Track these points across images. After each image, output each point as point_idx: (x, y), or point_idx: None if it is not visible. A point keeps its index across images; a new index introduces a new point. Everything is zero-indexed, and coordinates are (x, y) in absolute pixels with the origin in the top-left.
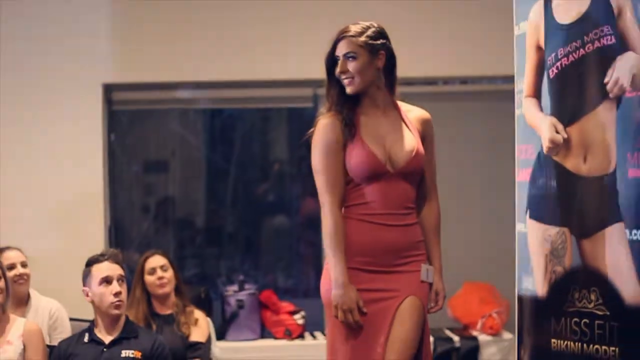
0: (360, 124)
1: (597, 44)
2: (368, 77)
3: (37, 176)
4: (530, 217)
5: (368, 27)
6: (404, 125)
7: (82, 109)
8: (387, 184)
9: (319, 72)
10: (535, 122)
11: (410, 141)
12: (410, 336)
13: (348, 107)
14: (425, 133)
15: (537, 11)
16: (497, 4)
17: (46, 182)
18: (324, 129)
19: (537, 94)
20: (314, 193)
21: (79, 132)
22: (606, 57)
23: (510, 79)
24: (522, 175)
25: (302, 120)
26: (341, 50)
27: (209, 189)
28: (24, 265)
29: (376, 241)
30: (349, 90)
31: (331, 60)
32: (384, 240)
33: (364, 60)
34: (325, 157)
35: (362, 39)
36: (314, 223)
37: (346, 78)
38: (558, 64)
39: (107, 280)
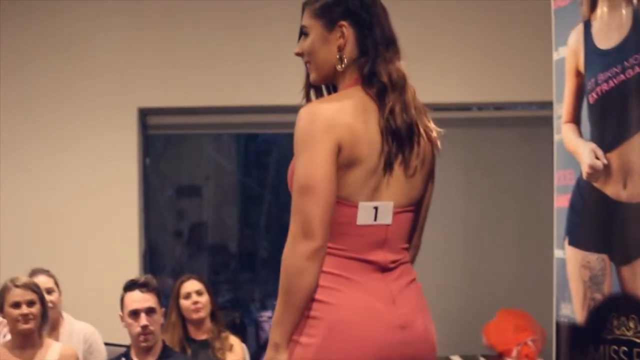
0: None
1: (637, 69)
2: (323, 60)
3: (73, 201)
4: (570, 243)
5: None
6: None
7: (117, 133)
8: None
9: None
10: (575, 148)
11: None
12: None
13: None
14: None
15: (576, 36)
16: (536, 28)
17: (81, 206)
18: None
19: (576, 120)
20: None
21: (114, 156)
22: None
23: (547, 105)
24: (561, 202)
25: None
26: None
27: (243, 214)
28: (48, 291)
29: None
30: (310, 78)
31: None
32: None
33: (316, 35)
34: None
35: (317, 4)
36: None
37: (305, 62)
38: (598, 89)
39: (135, 313)
